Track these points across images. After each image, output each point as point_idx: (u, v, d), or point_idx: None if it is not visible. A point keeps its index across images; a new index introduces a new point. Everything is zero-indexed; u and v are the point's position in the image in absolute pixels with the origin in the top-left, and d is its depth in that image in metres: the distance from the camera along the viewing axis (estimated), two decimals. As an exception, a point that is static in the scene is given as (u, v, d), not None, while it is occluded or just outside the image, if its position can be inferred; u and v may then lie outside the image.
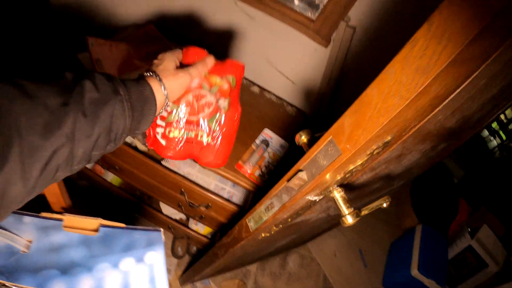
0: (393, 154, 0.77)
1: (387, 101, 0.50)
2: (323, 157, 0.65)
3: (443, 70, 0.44)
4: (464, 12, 0.41)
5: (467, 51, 0.42)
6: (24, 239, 0.80)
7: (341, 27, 1.60)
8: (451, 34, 0.42)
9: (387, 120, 0.50)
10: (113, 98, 0.59)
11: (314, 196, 0.78)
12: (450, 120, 0.75)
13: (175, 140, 0.88)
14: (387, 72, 0.50)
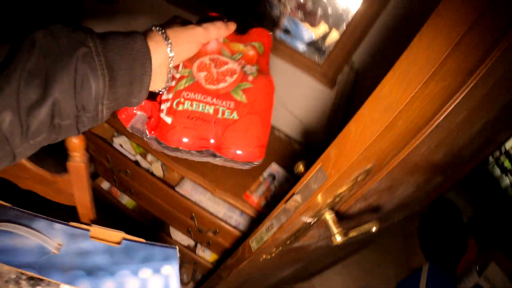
0: (383, 185, 0.89)
1: (363, 133, 0.63)
2: (314, 182, 0.78)
3: (404, 107, 0.56)
4: (419, 60, 0.53)
5: (423, 91, 0.55)
6: (55, 242, 0.92)
7: (345, 70, 1.75)
8: (409, 79, 0.55)
9: (363, 149, 0.63)
10: (75, 52, 0.47)
11: (308, 218, 0.89)
12: (437, 154, 0.86)
13: (185, 115, 0.65)
14: (362, 110, 0.63)
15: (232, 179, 1.63)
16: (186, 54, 0.63)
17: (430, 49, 0.52)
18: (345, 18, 1.61)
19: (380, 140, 0.63)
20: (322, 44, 1.73)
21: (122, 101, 0.55)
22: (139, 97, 0.57)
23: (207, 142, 0.66)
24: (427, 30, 0.53)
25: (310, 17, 1.69)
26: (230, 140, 0.66)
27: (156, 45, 0.57)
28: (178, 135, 0.64)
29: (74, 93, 0.47)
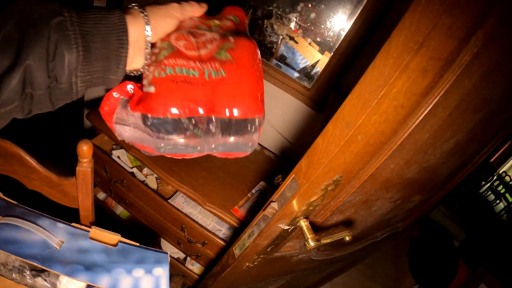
0: (357, 198, 0.97)
1: (328, 147, 0.74)
2: (288, 190, 0.89)
3: (361, 123, 0.68)
4: (373, 83, 0.65)
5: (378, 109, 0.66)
6: (58, 239, 1.02)
7: (333, 95, 1.86)
8: (365, 99, 0.66)
9: (328, 161, 0.74)
10: (49, 21, 0.47)
11: (285, 225, 0.99)
12: (409, 171, 0.94)
13: (169, 79, 0.59)
14: (328, 126, 0.75)
15: (222, 194, 1.74)
16: (164, 28, 0.62)
17: (381, 73, 0.63)
18: (333, 45, 1.75)
19: (343, 153, 0.74)
20: (312, 69, 1.86)
21: (100, 75, 0.54)
22: (117, 73, 0.56)
23: (197, 106, 0.60)
24: (379, 57, 0.64)
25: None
26: (222, 98, 0.61)
27: (133, 18, 0.56)
28: (164, 100, 0.58)
29: (46, 62, 0.47)
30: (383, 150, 0.78)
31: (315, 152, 0.78)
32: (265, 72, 1.93)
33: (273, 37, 1.88)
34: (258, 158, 2.10)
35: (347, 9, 1.67)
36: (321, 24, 1.74)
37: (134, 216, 2.03)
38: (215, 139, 0.65)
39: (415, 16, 0.58)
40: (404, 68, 0.60)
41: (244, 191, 1.81)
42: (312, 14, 1.74)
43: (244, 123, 0.63)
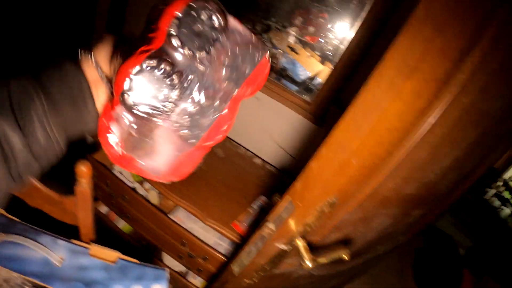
0: (355, 216, 0.97)
1: (322, 170, 0.75)
2: (283, 211, 0.89)
3: (356, 148, 0.68)
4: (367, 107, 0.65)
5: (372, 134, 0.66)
6: (58, 256, 1.03)
7: (333, 109, 1.87)
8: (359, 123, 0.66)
9: (322, 184, 0.75)
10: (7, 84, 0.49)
11: (282, 245, 1.00)
12: (407, 188, 0.93)
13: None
14: (321, 149, 0.76)
15: (223, 209, 1.75)
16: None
17: (374, 97, 0.64)
18: (333, 58, 1.76)
19: (338, 176, 0.74)
20: (312, 83, 1.87)
21: (73, 118, 0.54)
22: (89, 112, 0.56)
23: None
24: (372, 80, 0.64)
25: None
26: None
27: (85, 59, 0.56)
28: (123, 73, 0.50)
29: (13, 117, 0.47)
30: (379, 171, 0.78)
31: (310, 175, 0.78)
32: (266, 87, 1.95)
33: (273, 50, 1.89)
34: (259, 172, 2.11)
35: (347, 22, 1.68)
36: (320, 38, 1.75)
37: (136, 230, 2.03)
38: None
39: (407, 39, 0.59)
40: (397, 93, 0.60)
41: (244, 206, 1.81)
42: (310, 28, 1.75)
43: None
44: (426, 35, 0.57)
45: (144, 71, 0.50)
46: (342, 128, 0.71)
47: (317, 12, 1.72)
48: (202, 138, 0.58)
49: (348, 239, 1.14)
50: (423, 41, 0.57)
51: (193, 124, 0.56)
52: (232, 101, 0.59)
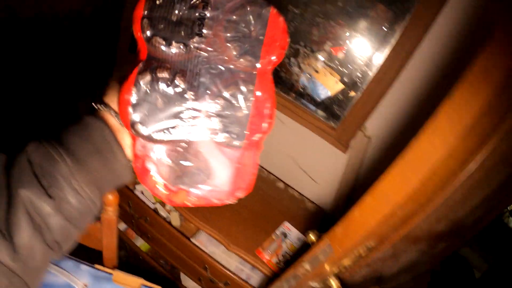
0: (386, 254, 0.96)
1: (365, 219, 0.72)
2: (321, 254, 0.87)
3: (402, 201, 0.66)
4: (416, 164, 0.63)
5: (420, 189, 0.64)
6: (82, 282, 1.02)
7: (358, 135, 1.85)
8: (407, 178, 0.64)
9: (364, 233, 0.72)
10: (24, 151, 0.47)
11: (315, 284, 0.97)
12: (438, 226, 0.91)
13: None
14: (365, 198, 0.73)
15: (246, 235, 1.72)
16: None
17: (425, 152, 0.62)
18: (362, 81, 1.74)
19: (380, 225, 0.72)
20: (337, 109, 1.85)
21: (102, 171, 0.49)
22: (120, 160, 0.51)
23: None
24: (424, 134, 0.62)
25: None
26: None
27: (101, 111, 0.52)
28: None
29: (39, 183, 0.44)
30: (418, 217, 0.76)
31: (351, 222, 0.76)
32: (291, 110, 1.93)
33: (295, 70, 1.88)
34: (281, 196, 2.08)
35: (375, 49, 1.66)
36: (348, 64, 1.73)
37: (155, 249, 2.02)
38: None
39: (464, 96, 0.56)
40: (451, 151, 0.58)
41: (268, 232, 1.79)
42: (340, 53, 1.74)
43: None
44: (485, 94, 0.54)
45: (141, 91, 0.44)
46: (389, 180, 0.68)
47: (346, 37, 1.71)
48: (246, 135, 0.48)
49: (376, 273, 1.11)
50: (481, 99, 0.54)
51: (227, 124, 0.47)
52: (260, 77, 0.48)
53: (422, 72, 1.61)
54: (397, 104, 1.72)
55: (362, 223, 0.73)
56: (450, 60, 1.53)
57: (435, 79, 1.60)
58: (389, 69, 1.63)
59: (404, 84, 1.66)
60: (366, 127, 1.85)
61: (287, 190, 2.15)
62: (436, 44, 1.54)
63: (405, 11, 1.55)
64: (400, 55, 1.59)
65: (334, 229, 0.82)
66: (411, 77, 1.63)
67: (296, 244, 1.80)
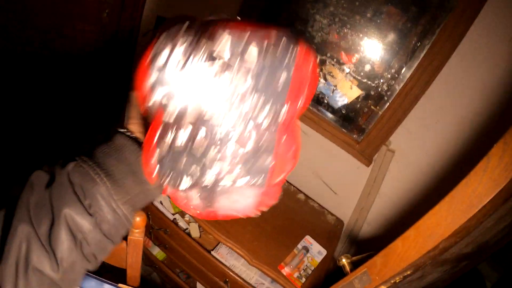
0: (415, 277, 0.95)
1: (408, 252, 0.70)
2: (358, 281, 0.85)
3: (447, 237, 0.64)
4: (464, 201, 0.61)
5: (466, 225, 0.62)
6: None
7: (382, 150, 1.83)
8: (455, 215, 0.62)
9: (406, 265, 0.70)
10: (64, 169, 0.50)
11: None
12: (466, 249, 0.91)
13: None
14: (410, 232, 0.71)
15: (268, 250, 1.70)
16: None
17: (475, 192, 0.60)
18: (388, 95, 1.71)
19: (422, 257, 0.70)
20: (362, 122, 1.83)
21: (138, 192, 0.53)
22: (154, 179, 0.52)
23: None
24: (475, 175, 0.60)
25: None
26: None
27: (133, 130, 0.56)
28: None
29: (81, 203, 0.48)
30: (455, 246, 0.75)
31: (392, 253, 0.74)
32: (314, 122, 1.92)
33: (319, 82, 1.86)
34: (302, 208, 2.06)
35: (403, 62, 1.64)
36: (375, 77, 1.71)
37: (172, 259, 2.01)
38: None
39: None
40: (500, 192, 0.56)
41: (289, 247, 1.76)
42: (367, 65, 1.72)
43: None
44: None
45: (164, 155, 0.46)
46: (436, 217, 0.67)
47: (374, 49, 1.68)
48: (268, 177, 0.48)
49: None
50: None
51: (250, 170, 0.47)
52: (284, 124, 0.47)
53: (450, 87, 1.59)
54: (423, 120, 1.70)
55: (404, 255, 0.71)
56: (479, 76, 1.51)
57: (463, 99, 1.57)
58: (416, 84, 1.61)
59: (431, 100, 1.63)
60: (390, 141, 1.82)
61: (308, 202, 2.13)
62: (465, 59, 1.51)
63: (435, 25, 1.52)
64: (428, 70, 1.56)
65: (374, 259, 0.80)
66: (439, 93, 1.61)
67: (318, 258, 1.77)
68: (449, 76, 1.56)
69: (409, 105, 1.67)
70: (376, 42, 1.67)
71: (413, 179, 1.85)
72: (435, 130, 1.69)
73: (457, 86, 1.57)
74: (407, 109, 1.69)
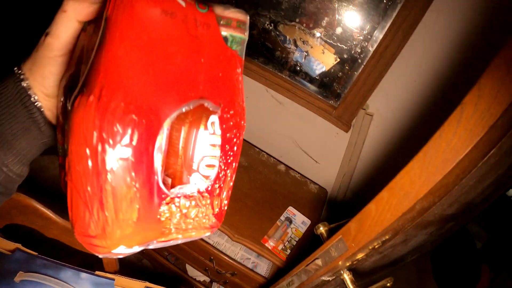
0: (397, 241, 0.92)
1: (382, 215, 0.67)
2: (334, 250, 0.82)
3: (422, 196, 0.60)
4: (438, 158, 0.58)
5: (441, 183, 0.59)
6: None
7: (360, 114, 1.80)
8: (429, 172, 0.59)
9: (382, 229, 0.67)
10: None
11: (327, 277, 0.93)
12: (450, 209, 0.89)
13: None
14: (382, 193, 0.68)
15: (250, 224, 1.67)
16: (50, 84, 0.45)
17: (449, 145, 0.56)
18: (362, 57, 1.67)
19: (398, 221, 0.67)
20: (338, 87, 1.79)
21: (34, 148, 0.47)
22: (45, 132, 0.47)
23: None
24: (448, 127, 0.57)
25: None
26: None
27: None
28: None
29: None
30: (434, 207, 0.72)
31: (366, 218, 0.71)
32: (289, 91, 1.87)
33: (288, 47, 1.81)
34: (284, 179, 2.03)
35: (375, 23, 1.59)
36: (347, 40, 1.66)
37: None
38: None
39: (494, 85, 0.50)
40: (476, 142, 0.53)
41: (272, 219, 1.74)
42: (338, 28, 1.66)
43: None
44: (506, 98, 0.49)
45: None
46: (410, 176, 0.63)
47: (344, 11, 1.63)
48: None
49: (385, 258, 1.09)
50: (509, 88, 0.49)
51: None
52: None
53: (426, 47, 1.55)
54: (400, 81, 1.66)
55: (379, 220, 0.68)
56: (455, 34, 1.47)
57: (441, 56, 1.53)
58: (391, 44, 1.56)
59: (407, 60, 1.59)
60: (368, 105, 1.79)
61: (289, 172, 2.10)
62: (441, 15, 1.46)
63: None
64: (402, 29, 1.51)
65: (348, 225, 0.77)
66: (415, 52, 1.57)
67: (302, 228, 1.75)
68: (425, 34, 1.51)
69: (384, 66, 1.63)
70: (346, 3, 1.61)
71: (394, 141, 1.83)
72: (413, 90, 1.66)
73: (435, 43, 1.52)
74: (382, 71, 1.64)
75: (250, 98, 2.07)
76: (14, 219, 1.09)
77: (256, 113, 2.11)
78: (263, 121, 2.13)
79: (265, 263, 1.79)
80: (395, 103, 1.73)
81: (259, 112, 2.10)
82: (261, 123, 2.14)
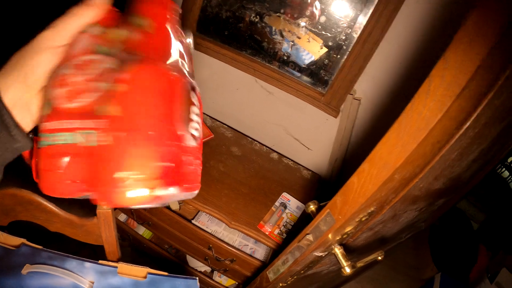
0: (386, 217, 0.96)
1: (364, 186, 0.71)
2: (323, 224, 0.86)
3: (400, 166, 0.65)
4: (412, 126, 0.62)
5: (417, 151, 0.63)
6: (87, 280, 1.01)
7: (348, 99, 1.84)
8: (404, 142, 0.63)
9: (364, 200, 0.72)
10: None
11: (319, 253, 0.98)
12: (436, 184, 0.93)
13: (46, 154, 0.41)
14: (363, 166, 0.72)
15: (246, 211, 1.72)
16: (34, 75, 0.42)
17: (421, 116, 0.60)
18: (347, 44, 1.72)
19: (380, 191, 0.71)
20: (324, 74, 1.83)
21: (5, 153, 0.44)
22: (16, 139, 0.43)
23: (84, 186, 0.41)
24: (418, 99, 0.61)
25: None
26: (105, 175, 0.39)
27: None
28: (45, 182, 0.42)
29: None
30: (416, 178, 0.77)
31: (350, 190, 0.75)
32: (277, 80, 1.91)
33: (275, 38, 1.85)
34: (277, 167, 2.08)
35: (358, 9, 1.63)
36: (331, 27, 1.70)
37: (158, 236, 2.02)
38: None
39: (458, 57, 0.55)
40: (446, 111, 0.57)
41: (267, 205, 1.79)
42: (322, 17, 1.70)
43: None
44: (478, 52, 0.53)
45: None
46: (386, 145, 0.67)
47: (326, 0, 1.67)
48: None
49: (377, 235, 1.14)
50: (475, 59, 0.53)
51: None
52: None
53: (410, 30, 1.58)
54: (385, 64, 1.71)
55: (361, 191, 0.72)
56: (438, 16, 1.51)
57: (424, 37, 1.57)
58: (374, 29, 1.60)
59: (391, 43, 1.63)
60: (355, 90, 1.83)
61: (282, 160, 2.15)
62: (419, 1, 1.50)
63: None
64: (385, 14, 1.55)
65: (334, 199, 0.81)
66: (398, 35, 1.61)
67: (296, 213, 1.80)
68: (408, 17, 1.55)
69: (369, 51, 1.67)
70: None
71: (382, 124, 1.87)
72: (399, 72, 1.70)
73: (417, 26, 1.56)
74: (367, 56, 1.69)
75: (240, 90, 2.12)
76: (18, 215, 1.13)
77: (247, 104, 2.16)
78: (254, 112, 2.18)
79: (263, 249, 1.84)
80: (381, 86, 1.77)
81: (250, 102, 2.15)
82: (252, 113, 2.19)
